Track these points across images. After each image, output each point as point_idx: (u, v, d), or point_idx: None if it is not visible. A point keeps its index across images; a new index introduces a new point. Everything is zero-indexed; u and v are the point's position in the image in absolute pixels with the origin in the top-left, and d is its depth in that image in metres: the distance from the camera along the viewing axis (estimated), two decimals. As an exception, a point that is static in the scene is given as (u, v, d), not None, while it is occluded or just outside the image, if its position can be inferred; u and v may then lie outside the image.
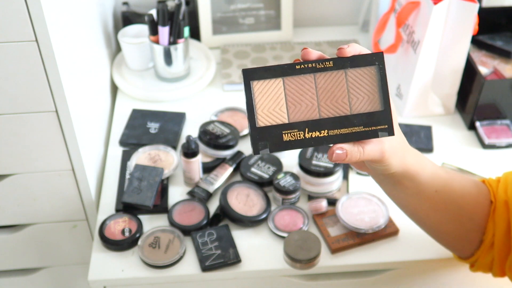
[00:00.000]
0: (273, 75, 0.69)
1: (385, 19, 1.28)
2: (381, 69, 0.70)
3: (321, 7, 1.56)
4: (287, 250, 0.98)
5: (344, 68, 0.70)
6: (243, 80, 0.69)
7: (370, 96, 0.70)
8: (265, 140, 0.69)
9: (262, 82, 0.69)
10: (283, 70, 0.69)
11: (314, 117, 0.70)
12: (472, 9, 1.14)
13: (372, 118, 0.70)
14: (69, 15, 1.03)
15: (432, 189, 0.82)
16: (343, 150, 0.68)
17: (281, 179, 1.09)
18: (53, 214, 1.16)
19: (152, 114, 1.28)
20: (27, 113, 0.98)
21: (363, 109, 0.70)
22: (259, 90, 0.69)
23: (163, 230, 1.04)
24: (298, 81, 0.70)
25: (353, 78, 0.70)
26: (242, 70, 0.69)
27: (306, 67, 0.69)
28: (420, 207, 0.85)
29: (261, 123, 0.69)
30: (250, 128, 0.69)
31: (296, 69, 0.69)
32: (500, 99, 1.23)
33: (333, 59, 0.70)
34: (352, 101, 0.70)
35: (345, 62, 0.70)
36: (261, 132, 0.69)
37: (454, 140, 1.25)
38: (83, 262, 1.25)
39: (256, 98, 0.69)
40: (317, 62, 0.69)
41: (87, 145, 1.09)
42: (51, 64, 0.92)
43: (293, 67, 0.69)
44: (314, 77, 0.70)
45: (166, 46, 1.29)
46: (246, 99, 0.69)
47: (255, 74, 0.69)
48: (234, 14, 1.47)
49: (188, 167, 1.11)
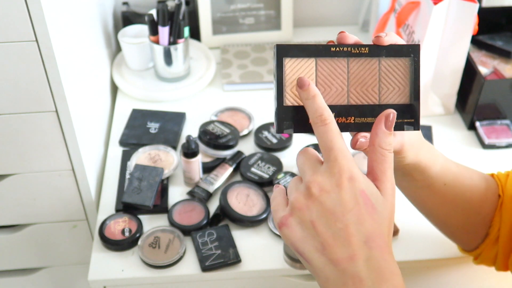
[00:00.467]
0: (306, 54, 0.67)
1: (385, 19, 1.28)
2: (416, 62, 0.69)
3: (321, 7, 1.57)
4: (287, 250, 0.98)
5: (379, 57, 0.69)
6: (275, 56, 0.67)
7: (401, 88, 0.70)
8: (290, 120, 0.67)
9: (294, 60, 0.67)
10: (317, 51, 0.67)
11: (342, 102, 0.69)
12: (472, 9, 1.14)
13: (399, 111, 0.69)
14: (69, 15, 1.03)
15: (441, 183, 0.82)
16: (366, 139, 0.67)
17: (281, 179, 1.09)
18: (53, 214, 1.16)
19: (152, 114, 1.28)
20: (27, 113, 0.98)
21: (392, 100, 0.69)
22: (291, 68, 0.67)
23: (163, 230, 1.04)
24: (331, 64, 0.68)
25: (386, 67, 0.69)
26: (276, 45, 0.66)
27: (341, 51, 0.68)
28: (429, 199, 0.85)
29: (288, 102, 0.67)
30: (277, 106, 0.67)
31: (331, 51, 0.68)
32: (500, 99, 1.23)
33: (369, 46, 0.68)
34: (382, 90, 0.69)
35: (380, 50, 0.68)
36: (287, 112, 0.67)
37: (454, 140, 1.25)
38: (83, 262, 1.25)
39: (286, 76, 0.67)
40: (353, 46, 0.68)
41: (87, 145, 1.09)
42: (51, 64, 0.92)
43: (328, 48, 0.67)
44: (347, 61, 0.69)
45: (166, 46, 1.29)
46: (276, 76, 0.67)
47: (289, 51, 0.67)
48: (234, 14, 1.48)
49: (188, 167, 1.11)
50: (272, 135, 1.21)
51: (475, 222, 0.88)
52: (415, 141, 0.74)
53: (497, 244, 0.88)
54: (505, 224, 0.86)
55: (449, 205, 0.85)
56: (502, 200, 0.86)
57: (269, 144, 1.19)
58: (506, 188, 0.87)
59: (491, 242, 0.88)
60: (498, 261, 0.89)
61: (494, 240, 0.88)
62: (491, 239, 0.88)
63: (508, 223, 0.86)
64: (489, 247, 0.89)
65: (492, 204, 0.87)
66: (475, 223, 0.88)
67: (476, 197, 0.86)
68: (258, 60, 1.44)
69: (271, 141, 1.19)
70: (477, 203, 0.86)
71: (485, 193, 0.86)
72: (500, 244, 0.87)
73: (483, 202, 0.86)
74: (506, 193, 0.86)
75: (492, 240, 0.88)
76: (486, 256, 0.90)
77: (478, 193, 0.86)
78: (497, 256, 0.89)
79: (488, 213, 0.87)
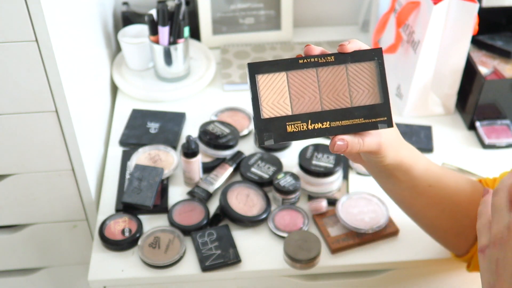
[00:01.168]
0: (277, 69, 0.71)
1: (385, 19, 1.28)
2: (380, 64, 0.73)
3: (321, 7, 1.56)
4: (287, 250, 0.98)
5: (345, 63, 0.72)
6: (248, 74, 0.71)
7: (370, 90, 0.73)
8: (270, 132, 0.71)
9: (266, 75, 0.71)
10: (287, 64, 0.71)
11: (316, 109, 0.72)
12: (472, 9, 1.14)
13: (372, 111, 0.73)
14: (69, 15, 1.03)
15: (425, 184, 0.83)
16: (344, 141, 0.70)
17: (281, 179, 1.09)
18: (53, 214, 1.16)
19: (152, 114, 1.28)
20: (27, 113, 0.98)
21: (363, 102, 0.73)
22: (264, 83, 0.71)
23: (163, 230, 1.04)
24: (301, 75, 0.72)
25: (353, 72, 0.73)
26: (248, 64, 0.70)
27: (309, 62, 0.72)
28: (415, 201, 0.86)
29: (265, 115, 0.71)
30: (255, 120, 0.71)
31: (299, 63, 0.72)
32: (500, 99, 1.23)
33: (334, 54, 0.72)
34: (353, 94, 0.73)
35: (346, 57, 0.72)
36: (266, 124, 0.71)
37: (454, 140, 1.25)
38: (83, 262, 1.25)
39: (260, 91, 0.71)
40: (319, 57, 0.72)
41: (87, 145, 1.09)
42: (51, 64, 0.92)
43: (296, 61, 0.72)
44: (316, 71, 0.72)
45: (166, 46, 1.29)
46: (251, 92, 0.71)
47: (260, 68, 0.71)
48: (234, 14, 1.47)
49: (188, 167, 1.11)
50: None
51: (463, 225, 0.88)
52: (393, 141, 0.76)
53: None
54: None
55: (436, 208, 0.86)
56: None
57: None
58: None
59: None
60: None
61: None
62: None
63: None
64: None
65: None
66: (464, 226, 0.88)
67: (463, 200, 0.86)
68: (258, 60, 1.43)
69: (271, 141, 1.19)
70: (464, 205, 0.87)
71: (471, 196, 0.87)
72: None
73: (470, 204, 0.87)
74: None
75: None
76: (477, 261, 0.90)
77: (464, 195, 0.86)
78: None
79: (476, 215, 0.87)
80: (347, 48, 0.71)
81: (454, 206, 0.86)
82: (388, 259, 1.02)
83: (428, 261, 1.03)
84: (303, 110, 0.72)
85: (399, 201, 0.88)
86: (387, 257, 1.02)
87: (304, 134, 0.72)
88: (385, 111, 0.73)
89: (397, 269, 1.05)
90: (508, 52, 1.30)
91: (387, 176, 0.81)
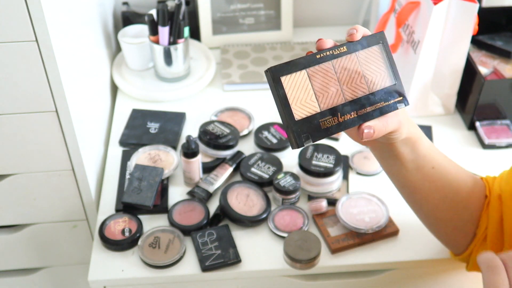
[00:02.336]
0: (297, 68, 0.72)
1: (385, 19, 1.28)
2: (385, 46, 0.76)
3: (321, 7, 1.57)
4: (287, 250, 0.98)
5: (356, 51, 0.74)
6: (271, 79, 0.71)
7: (382, 73, 0.76)
8: (306, 132, 0.71)
9: (289, 76, 0.71)
10: (306, 62, 0.72)
11: (341, 101, 0.74)
12: (472, 9, 1.14)
13: (388, 93, 0.75)
14: (69, 15, 1.03)
15: (429, 165, 0.85)
16: (370, 128, 0.73)
17: (281, 179, 1.09)
18: (53, 214, 1.16)
19: (152, 114, 1.28)
20: (27, 113, 0.98)
21: (379, 85, 0.75)
22: (289, 84, 0.71)
23: (163, 230, 1.04)
24: (320, 70, 0.73)
25: (364, 59, 0.75)
26: (268, 69, 0.70)
27: (325, 55, 0.73)
28: (419, 185, 0.87)
29: (298, 116, 0.71)
30: (291, 123, 0.71)
31: (317, 58, 0.73)
32: (500, 99, 1.23)
33: (346, 44, 0.74)
34: (368, 80, 0.75)
35: (356, 45, 0.74)
36: (301, 125, 0.71)
37: (454, 140, 1.25)
38: (83, 262, 1.25)
39: (288, 92, 0.71)
40: (333, 49, 0.73)
41: (87, 145, 1.09)
42: (51, 64, 0.92)
43: (314, 57, 0.73)
44: (332, 63, 0.74)
45: (166, 46, 1.29)
46: (279, 97, 0.71)
47: (282, 70, 0.71)
48: (234, 14, 1.47)
49: (188, 167, 1.11)
50: (272, 135, 1.21)
51: (463, 218, 0.89)
52: (405, 116, 0.79)
53: (485, 244, 0.89)
54: (492, 223, 0.87)
55: (438, 194, 0.87)
56: (488, 200, 0.88)
57: (269, 144, 1.19)
58: (493, 188, 0.89)
59: (479, 241, 0.90)
60: None
61: (482, 240, 0.89)
62: (479, 238, 0.89)
63: (495, 222, 0.87)
64: (477, 248, 0.90)
65: (479, 201, 0.88)
66: (464, 220, 0.89)
67: (463, 189, 0.88)
68: (258, 60, 1.44)
69: (271, 141, 1.19)
70: (464, 195, 0.88)
71: (472, 188, 0.88)
72: (488, 244, 0.88)
73: (470, 196, 0.88)
74: (493, 193, 0.88)
75: (480, 240, 0.89)
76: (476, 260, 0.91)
77: (465, 185, 0.88)
78: None
79: (476, 210, 0.89)
80: (356, 37, 0.74)
81: (455, 194, 0.87)
82: (388, 259, 1.02)
83: (428, 261, 1.03)
84: (330, 105, 0.73)
85: (403, 185, 0.88)
86: (387, 257, 1.02)
87: (337, 128, 0.73)
88: (399, 91, 0.76)
89: (397, 269, 1.05)
90: (508, 52, 1.30)
91: (395, 156, 0.83)
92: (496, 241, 0.88)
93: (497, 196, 0.87)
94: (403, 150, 0.82)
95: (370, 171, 1.16)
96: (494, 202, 0.87)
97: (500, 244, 0.87)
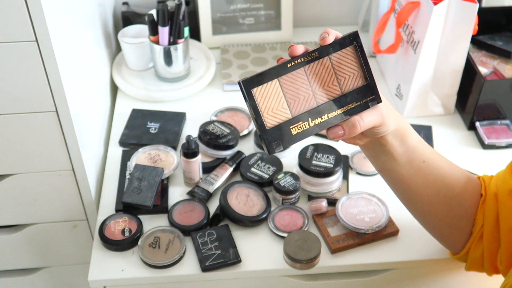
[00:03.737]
0: (268, 78, 0.74)
1: (385, 19, 1.28)
2: (360, 46, 0.77)
3: (321, 7, 1.56)
4: (287, 250, 0.98)
5: (328, 55, 0.76)
6: (244, 90, 0.73)
7: (355, 73, 0.77)
8: (277, 139, 0.74)
9: (260, 87, 0.74)
10: (276, 71, 0.74)
11: (312, 106, 0.76)
12: (472, 9, 1.14)
13: (361, 93, 0.77)
14: (69, 15, 1.03)
15: (420, 158, 0.86)
16: (339, 128, 0.76)
17: (281, 179, 1.09)
18: (53, 214, 1.16)
19: (152, 114, 1.28)
20: (27, 113, 0.98)
21: (352, 86, 0.77)
22: (260, 95, 0.74)
23: (163, 230, 1.04)
24: (292, 78, 0.75)
25: (337, 61, 0.76)
26: (240, 81, 0.73)
27: (296, 63, 0.75)
28: (412, 180, 0.88)
29: (269, 125, 0.74)
30: (261, 132, 0.74)
31: (288, 67, 0.75)
32: (500, 99, 1.23)
33: (317, 50, 0.75)
34: (341, 82, 0.77)
35: (328, 49, 0.76)
36: (272, 133, 0.74)
37: (454, 140, 1.25)
38: (83, 262, 1.25)
39: (259, 103, 0.74)
40: (305, 55, 0.75)
41: (87, 145, 1.09)
42: (51, 64, 0.92)
43: (285, 66, 0.74)
44: (304, 70, 0.75)
45: (166, 46, 1.29)
46: (251, 107, 0.73)
47: (253, 82, 0.73)
48: (234, 14, 1.47)
49: (188, 167, 1.11)
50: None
51: (457, 215, 0.90)
52: (390, 109, 0.81)
53: (482, 242, 0.90)
54: (488, 221, 0.88)
55: (431, 189, 0.88)
56: (484, 198, 0.89)
57: (269, 144, 1.19)
58: (489, 187, 0.89)
59: (475, 240, 0.90)
60: (486, 262, 0.90)
61: (478, 238, 0.90)
62: (475, 236, 0.90)
63: (490, 220, 0.88)
64: (474, 246, 0.91)
65: (473, 199, 0.89)
66: (457, 215, 0.90)
67: (456, 185, 0.88)
68: (258, 60, 1.44)
69: (271, 141, 1.19)
70: (457, 192, 0.88)
71: (465, 185, 0.89)
72: (484, 242, 0.89)
73: (464, 193, 0.89)
74: (489, 192, 0.89)
75: (476, 238, 0.90)
76: (473, 257, 0.92)
77: (458, 180, 0.89)
78: (484, 256, 0.90)
79: (470, 207, 0.89)
80: (328, 40, 0.75)
81: (448, 190, 0.88)
82: (388, 259, 1.02)
83: (428, 261, 1.03)
84: (301, 110, 0.75)
85: (397, 181, 0.89)
86: (387, 257, 1.02)
87: (308, 132, 0.75)
88: (372, 89, 0.77)
89: (397, 269, 1.05)
90: (508, 52, 1.30)
91: (386, 151, 0.84)
92: (492, 240, 0.88)
93: (493, 195, 0.88)
94: (394, 143, 0.83)
95: (370, 171, 1.16)
96: (490, 201, 0.88)
97: (496, 242, 0.88)
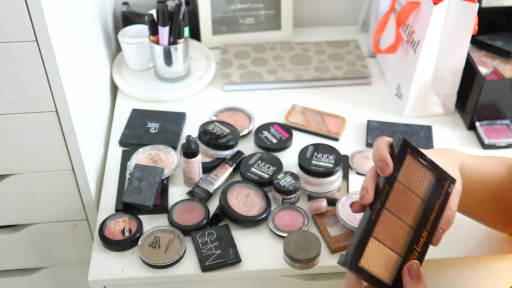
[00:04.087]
0: (364, 243, 0.71)
1: (385, 19, 1.28)
2: (412, 148, 0.74)
3: (321, 7, 1.57)
4: (287, 250, 0.98)
5: (396, 179, 0.73)
6: (354, 272, 0.70)
7: (423, 175, 0.75)
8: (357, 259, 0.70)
9: (364, 256, 0.70)
10: (366, 232, 0.71)
11: (409, 232, 0.74)
12: (472, 9, 1.14)
13: (437, 186, 0.75)
14: (69, 15, 1.03)
15: (477, 181, 0.86)
16: (441, 233, 0.75)
17: (281, 179, 1.09)
18: (53, 214, 1.16)
19: (152, 114, 1.28)
20: (27, 113, 0.98)
21: (427, 187, 0.75)
22: (367, 263, 0.71)
23: (163, 230, 1.04)
24: (382, 225, 0.72)
25: (404, 178, 0.74)
26: (345, 265, 0.70)
27: (378, 209, 0.72)
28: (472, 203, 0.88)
29: (388, 280, 0.72)
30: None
31: (373, 219, 0.71)
32: (500, 99, 1.23)
33: (385, 183, 0.73)
34: (417, 191, 0.75)
35: (393, 174, 0.73)
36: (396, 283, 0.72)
37: (454, 140, 1.25)
38: (83, 262, 1.25)
39: (371, 270, 0.71)
40: (379, 197, 0.72)
41: (87, 145, 1.09)
42: (51, 64, 0.92)
43: (370, 219, 0.71)
44: (387, 209, 0.73)
45: (166, 46, 1.29)
46: (369, 279, 0.70)
47: (355, 257, 0.70)
48: (234, 14, 1.48)
49: (188, 167, 1.11)
50: (272, 135, 1.21)
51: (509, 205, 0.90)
52: (455, 173, 0.80)
53: None
54: None
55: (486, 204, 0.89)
56: None
57: (269, 144, 1.19)
58: None
59: None
60: None
61: None
62: None
63: None
64: None
65: None
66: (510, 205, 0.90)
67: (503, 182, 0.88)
68: (258, 60, 1.44)
69: (271, 141, 1.19)
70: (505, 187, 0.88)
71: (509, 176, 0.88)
72: None
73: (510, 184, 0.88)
74: None
75: None
76: None
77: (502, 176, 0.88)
78: None
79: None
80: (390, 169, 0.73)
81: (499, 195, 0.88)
82: (388, 259, 1.02)
83: (428, 261, 1.02)
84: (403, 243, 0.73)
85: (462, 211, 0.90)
86: (387, 257, 1.02)
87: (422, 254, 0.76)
88: (444, 176, 0.75)
89: (397, 269, 1.04)
90: (508, 52, 1.30)
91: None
92: None
93: None
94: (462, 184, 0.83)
95: (370, 171, 1.16)
96: None
97: None
